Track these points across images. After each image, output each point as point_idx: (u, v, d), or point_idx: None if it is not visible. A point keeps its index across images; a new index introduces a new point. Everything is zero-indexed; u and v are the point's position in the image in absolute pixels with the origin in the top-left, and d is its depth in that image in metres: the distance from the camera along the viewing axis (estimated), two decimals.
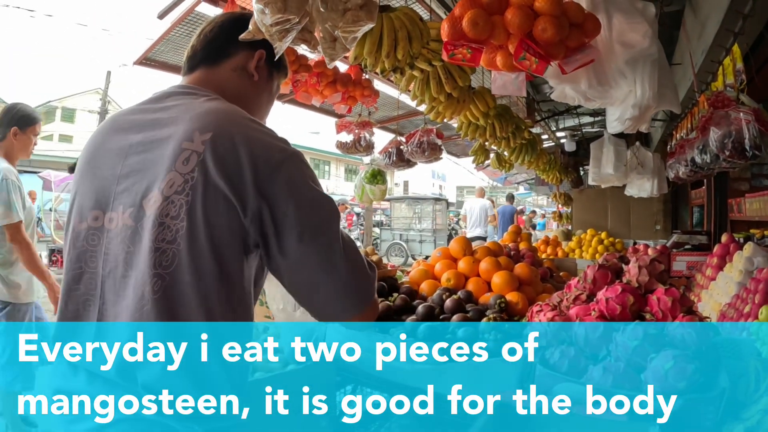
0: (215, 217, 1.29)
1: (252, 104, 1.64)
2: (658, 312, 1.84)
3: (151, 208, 1.30)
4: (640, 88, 2.27)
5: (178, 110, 1.42)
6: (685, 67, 3.84)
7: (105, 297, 1.35)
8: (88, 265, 1.38)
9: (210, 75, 1.59)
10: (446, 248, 3.28)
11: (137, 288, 1.29)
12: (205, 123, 1.34)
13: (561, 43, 1.90)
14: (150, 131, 1.40)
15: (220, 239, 1.30)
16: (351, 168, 44.05)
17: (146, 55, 4.38)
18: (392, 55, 2.63)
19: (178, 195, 1.28)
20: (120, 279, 1.33)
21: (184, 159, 1.30)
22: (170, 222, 1.27)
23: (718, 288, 3.46)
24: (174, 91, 1.53)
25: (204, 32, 1.63)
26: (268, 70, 1.68)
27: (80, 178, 1.49)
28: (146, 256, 1.28)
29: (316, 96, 4.10)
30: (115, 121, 1.54)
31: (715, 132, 2.67)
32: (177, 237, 1.27)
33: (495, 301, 2.60)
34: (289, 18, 1.62)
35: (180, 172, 1.29)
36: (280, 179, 1.33)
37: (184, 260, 1.28)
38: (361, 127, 5.34)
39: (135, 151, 1.39)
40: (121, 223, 1.34)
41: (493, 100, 4.08)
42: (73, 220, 1.45)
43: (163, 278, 1.27)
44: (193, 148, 1.30)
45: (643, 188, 6.05)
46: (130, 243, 1.32)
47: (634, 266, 2.04)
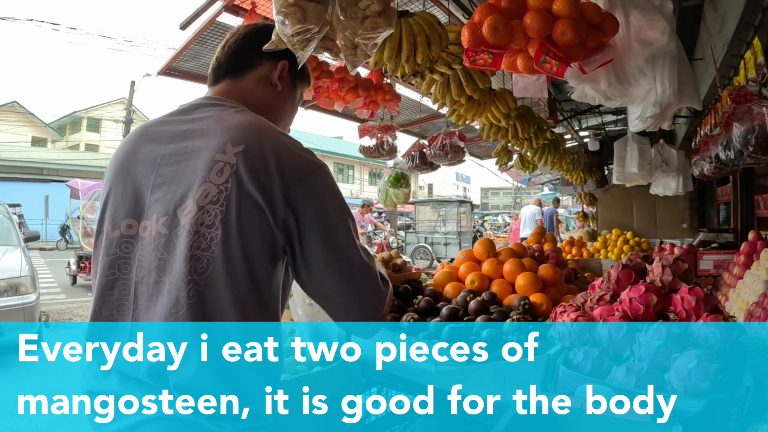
0: (248, 225, 1.35)
1: (276, 114, 1.70)
2: (682, 311, 1.83)
3: (185, 218, 1.35)
4: (660, 85, 2.27)
5: (208, 122, 1.48)
6: (706, 62, 3.81)
7: (138, 302, 1.40)
8: (122, 272, 1.43)
9: (235, 86, 1.64)
10: (470, 250, 3.28)
11: (171, 293, 1.34)
12: (237, 135, 1.39)
13: (580, 44, 1.90)
14: (181, 142, 1.45)
15: (252, 247, 1.36)
16: (375, 171, 44.10)
17: (170, 65, 4.43)
18: (412, 59, 2.65)
19: (212, 205, 1.34)
20: (153, 285, 1.37)
21: (218, 170, 1.35)
22: (205, 231, 1.33)
23: (746, 287, 3.42)
24: (202, 103, 1.58)
25: (228, 44, 1.68)
26: (291, 79, 1.73)
27: (112, 187, 1.53)
28: (181, 263, 1.33)
29: (338, 101, 4.13)
30: (146, 131, 1.58)
31: (738, 127, 2.64)
32: (212, 245, 1.33)
33: (519, 303, 2.60)
34: (309, 28, 1.66)
35: (214, 183, 1.34)
36: (306, 191, 1.39)
37: (219, 267, 1.33)
38: (383, 131, 5.36)
39: (167, 162, 1.44)
40: (154, 231, 1.39)
41: (514, 101, 4.08)
42: (105, 228, 1.49)
43: (197, 284, 1.32)
44: (226, 159, 1.35)
45: (668, 186, 5.99)
46: (164, 250, 1.37)
47: (657, 266, 2.03)
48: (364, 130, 5.39)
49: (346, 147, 36.35)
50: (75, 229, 15.88)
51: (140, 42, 76.73)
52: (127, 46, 33.98)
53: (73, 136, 42.43)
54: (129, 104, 29.16)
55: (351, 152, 29.19)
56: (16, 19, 19.55)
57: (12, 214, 9.48)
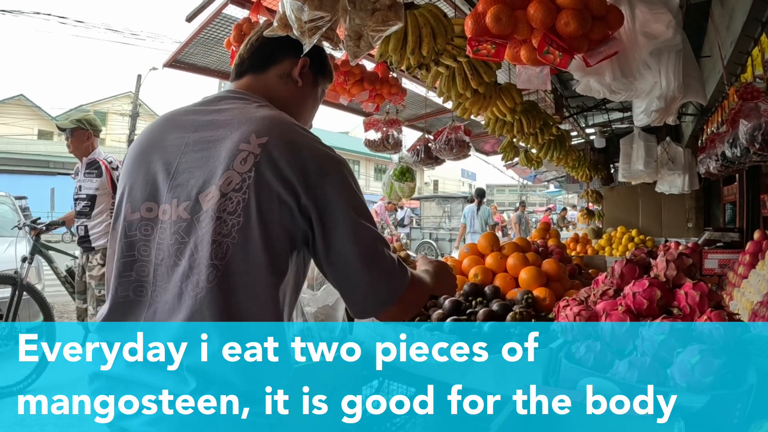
0: (268, 214, 1.38)
1: (297, 109, 1.75)
2: (685, 307, 1.82)
3: (208, 203, 1.38)
4: (665, 79, 2.25)
5: (233, 114, 1.52)
6: (714, 59, 3.79)
7: (156, 283, 1.42)
8: (141, 254, 1.46)
9: (257, 81, 1.69)
10: (474, 244, 3.27)
11: (192, 276, 1.37)
12: (261, 127, 1.43)
13: (584, 36, 1.89)
14: (206, 131, 1.49)
15: (271, 234, 1.39)
16: (380, 167, 44.13)
17: (176, 57, 4.44)
18: (417, 51, 2.64)
19: (235, 192, 1.37)
20: (172, 267, 1.40)
21: (241, 159, 1.39)
22: (227, 217, 1.36)
23: (751, 286, 3.40)
24: (226, 95, 1.64)
25: (251, 42, 1.74)
26: (312, 76, 1.78)
27: (132, 170, 1.56)
28: (203, 247, 1.36)
29: (343, 94, 4.12)
30: (171, 119, 1.62)
31: (745, 125, 2.61)
32: (233, 231, 1.36)
33: (522, 297, 2.59)
34: (323, 16, 1.67)
35: (238, 171, 1.38)
36: (327, 183, 1.42)
37: (239, 252, 1.37)
38: (389, 124, 5.36)
39: (191, 149, 1.47)
40: (175, 215, 1.42)
41: (520, 96, 4.06)
42: (124, 210, 1.52)
43: (217, 268, 1.35)
44: (250, 149, 1.39)
45: (674, 184, 5.97)
46: (185, 234, 1.40)
47: (661, 260, 2.02)
48: (369, 124, 5.39)
49: (352, 142, 36.33)
50: None
51: (146, 35, 77.27)
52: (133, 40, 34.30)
53: None
54: (135, 98, 29.20)
55: (356, 148, 29.17)
56: (23, 12, 19.52)
57: (17, 206, 9.49)
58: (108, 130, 40.95)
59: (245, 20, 3.42)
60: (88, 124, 5.14)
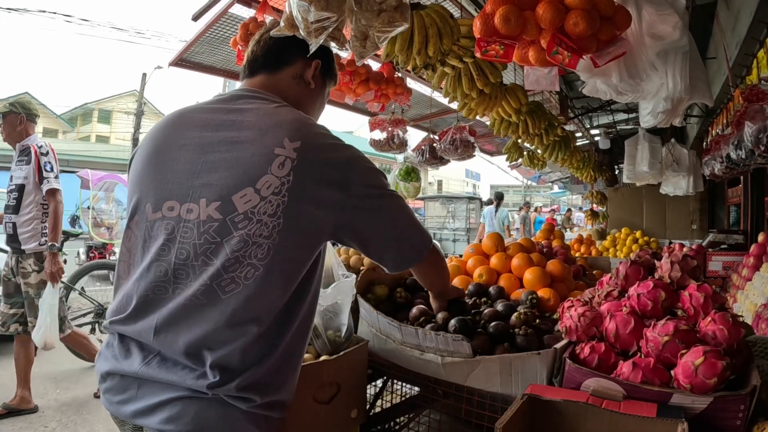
0: (306, 215, 1.46)
1: (308, 109, 1.82)
2: (690, 308, 1.81)
3: (245, 206, 1.41)
4: (671, 80, 2.25)
5: (255, 114, 1.56)
6: (719, 61, 3.78)
7: (179, 281, 1.43)
8: (160, 254, 1.46)
9: (271, 81, 1.74)
10: (478, 244, 3.27)
11: (226, 275, 1.39)
12: (292, 132, 1.49)
13: (593, 36, 1.90)
14: (230, 131, 1.52)
15: (308, 233, 1.49)
16: (385, 167, 44.08)
17: (181, 56, 4.44)
18: (423, 52, 2.65)
19: (275, 196, 1.42)
20: (200, 266, 1.41)
21: (279, 164, 1.43)
22: (267, 219, 1.41)
23: (754, 288, 3.40)
24: (243, 94, 1.67)
25: (263, 39, 1.78)
26: (322, 78, 1.85)
27: (149, 169, 1.56)
28: (241, 247, 1.40)
29: (349, 94, 4.13)
30: (185, 116, 1.64)
31: (750, 126, 2.61)
32: (273, 233, 1.41)
33: (527, 297, 2.59)
34: (329, 16, 1.68)
35: (276, 176, 1.43)
36: (352, 174, 1.53)
37: (278, 252, 1.42)
38: (394, 124, 5.37)
39: (216, 149, 1.49)
40: (204, 215, 1.43)
41: (525, 97, 4.06)
42: (142, 209, 1.53)
43: (257, 268, 1.40)
44: (286, 154, 1.45)
45: (679, 186, 5.96)
46: (216, 234, 1.41)
47: (666, 262, 2.01)
48: (374, 124, 5.40)
49: (356, 142, 36.15)
50: (85, 219, 15.94)
51: (152, 34, 77.20)
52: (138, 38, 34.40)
53: (83, 127, 42.68)
54: (140, 96, 29.27)
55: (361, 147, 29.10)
56: (28, 11, 19.61)
57: None
58: (112, 128, 41.13)
59: (251, 19, 3.43)
60: (21, 108, 4.84)
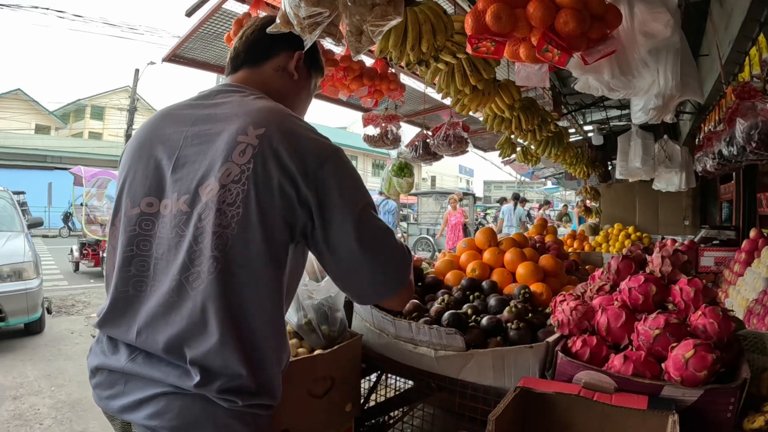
0: (268, 204, 1.39)
1: (293, 102, 1.78)
2: (680, 302, 1.84)
3: (207, 195, 1.39)
4: (663, 77, 2.27)
5: (230, 107, 1.55)
6: (712, 58, 3.81)
7: (156, 278, 1.44)
8: (140, 249, 1.47)
9: (254, 75, 1.73)
10: (471, 239, 3.29)
11: (193, 268, 1.38)
12: (258, 119, 1.45)
13: (583, 35, 1.91)
14: (204, 125, 1.51)
15: (271, 225, 1.40)
16: (378, 163, 44.22)
17: (175, 52, 4.43)
18: (417, 48, 2.66)
19: (234, 184, 1.38)
20: (172, 260, 1.41)
21: (240, 151, 1.40)
22: (227, 208, 1.37)
23: (746, 284, 3.42)
24: (222, 89, 1.66)
25: (245, 34, 1.77)
26: (306, 69, 1.82)
27: (131, 166, 1.57)
28: (203, 239, 1.37)
29: (342, 90, 4.13)
30: (168, 114, 1.64)
31: (742, 123, 2.63)
32: (232, 222, 1.37)
33: (519, 291, 2.60)
34: (321, 11, 1.69)
35: (236, 163, 1.39)
36: (325, 172, 1.43)
37: (238, 243, 1.38)
38: (387, 120, 5.38)
39: (189, 143, 1.49)
40: (175, 209, 1.44)
41: (518, 93, 4.07)
42: (124, 205, 1.53)
43: (218, 260, 1.36)
44: (248, 141, 1.41)
45: (671, 182, 5.98)
46: (184, 227, 1.41)
47: (657, 256, 2.03)
48: (368, 119, 5.40)
49: (350, 138, 36.35)
50: (78, 216, 15.95)
51: (144, 30, 76.94)
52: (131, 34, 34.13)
53: (76, 123, 42.54)
54: (133, 92, 29.20)
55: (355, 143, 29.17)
56: (21, 7, 19.50)
57: (15, 201, 9.52)
58: (105, 125, 40.96)
59: (245, 15, 3.42)
60: None
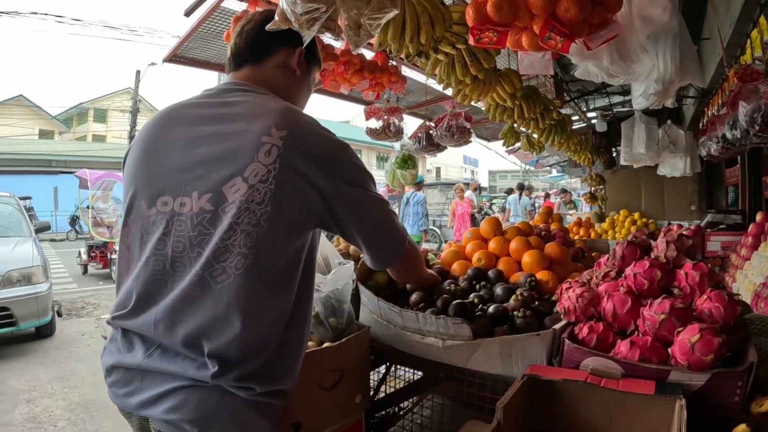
0: (294, 201, 1.48)
1: (295, 97, 1.84)
2: (686, 287, 1.83)
3: (234, 195, 1.43)
4: (662, 62, 2.26)
5: (245, 106, 1.59)
6: (714, 41, 3.79)
7: (175, 274, 1.46)
8: (157, 248, 1.49)
9: (257, 72, 1.76)
10: (477, 229, 3.28)
11: (217, 264, 1.41)
12: (279, 120, 1.51)
13: (585, 20, 1.91)
14: (220, 124, 1.55)
15: (295, 221, 1.50)
16: (382, 156, 44.22)
17: (175, 52, 4.43)
18: (416, 39, 2.65)
19: (262, 183, 1.43)
20: (194, 256, 1.44)
21: (265, 151, 1.45)
22: (255, 207, 1.43)
23: (753, 268, 3.41)
24: (230, 88, 1.69)
25: (245, 30, 1.79)
26: (306, 64, 1.86)
27: (140, 167, 1.60)
28: (231, 236, 1.41)
29: (344, 84, 4.14)
30: (173, 113, 1.66)
31: (744, 106, 2.62)
32: (261, 221, 1.43)
33: (525, 280, 2.59)
34: (318, 7, 1.69)
35: (263, 163, 1.44)
36: (336, 165, 1.56)
37: (266, 240, 1.43)
38: (389, 113, 5.38)
39: (207, 142, 1.52)
40: (197, 207, 1.46)
41: (520, 81, 4.06)
42: (137, 206, 1.56)
43: (246, 256, 1.41)
44: (273, 141, 1.46)
45: (676, 167, 5.96)
46: (209, 225, 1.44)
47: (662, 242, 2.03)
48: (370, 112, 5.40)
49: (353, 131, 36.26)
50: (85, 219, 16.00)
51: (144, 31, 76.84)
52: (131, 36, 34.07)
53: (80, 127, 42.65)
54: (135, 94, 29.24)
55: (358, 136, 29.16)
56: (19, 13, 19.53)
57: (22, 206, 9.56)
58: (109, 127, 41.06)
59: (244, 13, 3.42)
60: None
